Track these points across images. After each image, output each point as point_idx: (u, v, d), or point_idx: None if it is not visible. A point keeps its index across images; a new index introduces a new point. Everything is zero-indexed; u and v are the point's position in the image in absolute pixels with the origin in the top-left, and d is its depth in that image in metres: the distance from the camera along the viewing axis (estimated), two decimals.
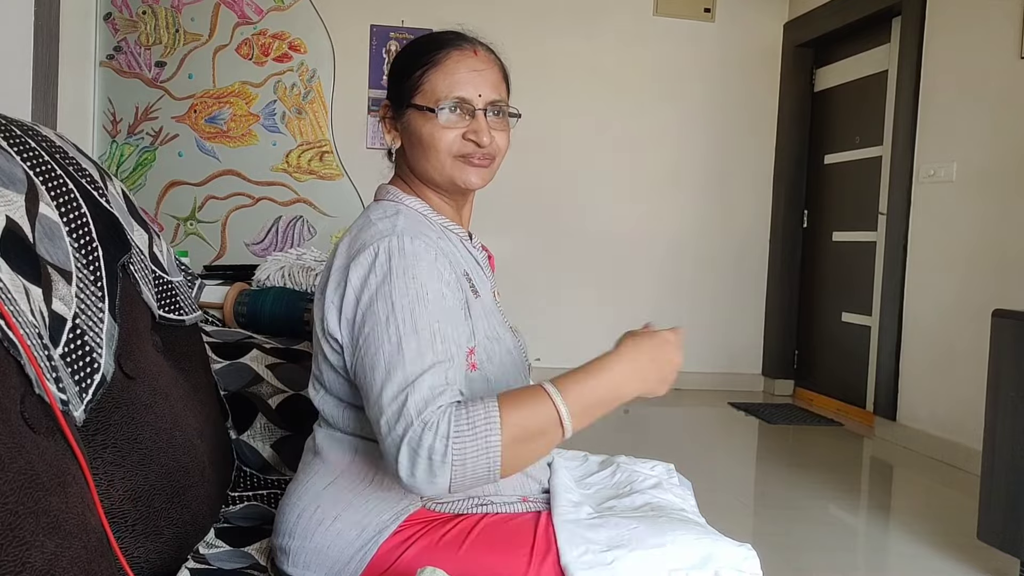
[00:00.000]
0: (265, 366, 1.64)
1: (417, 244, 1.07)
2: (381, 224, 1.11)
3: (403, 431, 0.95)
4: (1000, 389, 2.22)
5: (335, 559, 1.09)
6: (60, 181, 1.09)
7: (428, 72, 1.16)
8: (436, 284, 1.05)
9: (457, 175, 1.17)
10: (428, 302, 1.03)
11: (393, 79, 1.21)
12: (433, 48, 1.18)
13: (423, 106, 1.15)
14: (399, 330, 1.01)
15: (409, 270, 1.04)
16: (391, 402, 0.97)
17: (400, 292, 1.03)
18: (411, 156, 1.19)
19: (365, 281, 1.05)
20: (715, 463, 3.57)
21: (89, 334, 1.01)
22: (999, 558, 2.38)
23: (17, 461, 0.75)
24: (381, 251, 1.06)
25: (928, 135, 3.82)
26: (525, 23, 4.81)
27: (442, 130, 1.14)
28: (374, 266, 1.05)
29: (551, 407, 0.98)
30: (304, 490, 1.14)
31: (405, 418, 0.95)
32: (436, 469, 0.93)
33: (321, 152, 4.78)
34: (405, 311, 1.02)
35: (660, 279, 5.13)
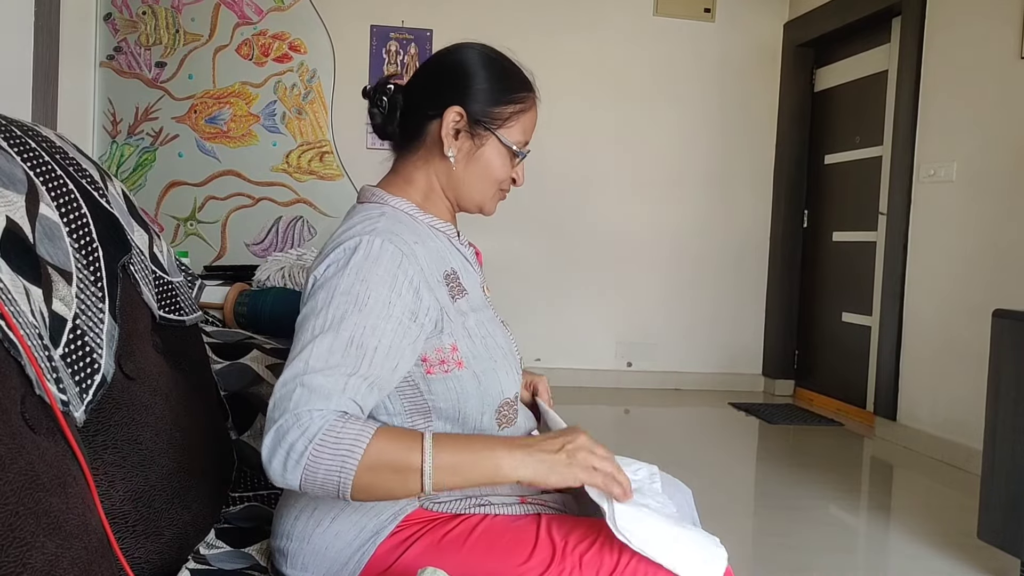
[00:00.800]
0: (265, 367, 1.64)
1: (386, 247, 1.06)
2: (361, 225, 1.11)
3: (277, 416, 0.94)
4: (1000, 389, 2.22)
5: (333, 560, 1.09)
6: (60, 182, 1.09)
7: (519, 114, 1.20)
8: (384, 292, 1.03)
9: (489, 205, 1.24)
10: (365, 308, 1.01)
11: (471, 92, 1.17)
12: (523, 88, 1.21)
13: (510, 145, 1.19)
14: (323, 323, 1.00)
15: (362, 271, 1.03)
16: (282, 386, 0.96)
17: (343, 289, 1.02)
18: (462, 172, 1.19)
19: (324, 272, 1.06)
20: (715, 463, 3.57)
21: (89, 335, 1.01)
22: (1000, 558, 2.38)
23: (18, 462, 0.75)
24: (348, 248, 1.06)
25: (928, 135, 3.82)
26: (525, 23, 4.81)
27: (508, 168, 1.21)
28: (336, 260, 1.06)
29: (418, 453, 0.95)
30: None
31: (283, 405, 0.94)
32: (289, 466, 0.93)
33: (321, 152, 4.78)
34: (338, 308, 1.01)
35: (660, 279, 5.13)
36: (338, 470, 0.92)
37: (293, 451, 0.92)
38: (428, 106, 1.19)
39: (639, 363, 5.12)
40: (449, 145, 1.17)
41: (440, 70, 1.22)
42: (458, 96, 1.17)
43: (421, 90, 1.22)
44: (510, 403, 1.18)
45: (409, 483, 0.95)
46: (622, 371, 5.11)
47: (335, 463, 0.92)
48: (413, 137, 1.21)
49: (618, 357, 5.11)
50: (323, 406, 0.94)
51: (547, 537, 1.07)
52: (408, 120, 1.21)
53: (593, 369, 5.06)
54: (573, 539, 1.07)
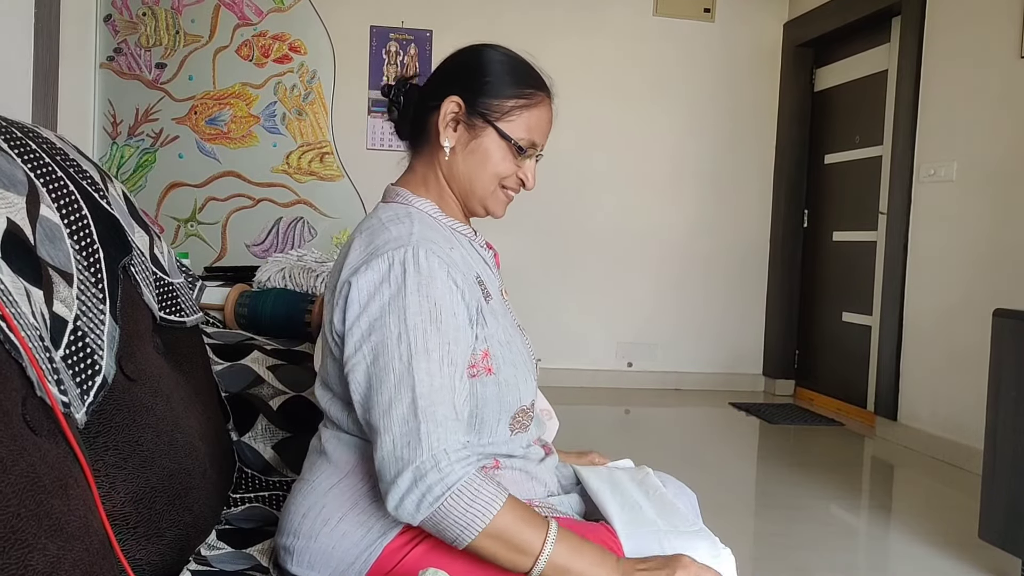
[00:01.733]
0: (266, 367, 1.64)
1: (432, 260, 1.06)
2: (395, 229, 1.10)
3: (412, 457, 0.97)
4: (1001, 388, 2.22)
5: (340, 559, 1.09)
6: (61, 183, 1.09)
7: (523, 109, 1.17)
8: (448, 303, 1.06)
9: (491, 204, 1.22)
10: (441, 323, 1.04)
11: (475, 85, 1.16)
12: (532, 85, 1.20)
13: (510, 137, 1.16)
14: (411, 348, 1.02)
15: (423, 287, 1.04)
16: (402, 423, 0.99)
17: (414, 309, 1.03)
18: (460, 164, 1.18)
19: (377, 289, 1.05)
20: (716, 463, 3.57)
21: (90, 336, 1.01)
22: (1000, 557, 2.38)
23: (19, 464, 0.75)
24: (396, 262, 1.05)
25: (928, 134, 3.82)
26: (525, 23, 4.81)
27: (509, 163, 1.18)
28: (388, 277, 1.05)
29: (539, 541, 0.99)
30: (310, 490, 1.14)
31: (419, 447, 0.97)
32: (423, 507, 0.97)
33: (321, 153, 4.78)
34: (418, 330, 1.02)
35: (661, 279, 5.13)
36: (464, 527, 0.97)
37: (430, 494, 0.96)
38: (431, 98, 1.19)
39: (640, 363, 5.12)
40: (445, 135, 1.16)
41: (450, 66, 1.22)
42: (459, 87, 1.17)
43: (430, 86, 1.22)
44: (526, 411, 1.19)
45: (519, 563, 0.99)
46: (623, 371, 5.11)
47: (464, 519, 0.97)
48: (420, 132, 1.21)
49: (618, 357, 5.11)
50: (454, 442, 0.99)
51: None
52: (416, 116, 1.21)
53: (594, 369, 5.06)
54: None
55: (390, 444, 0.99)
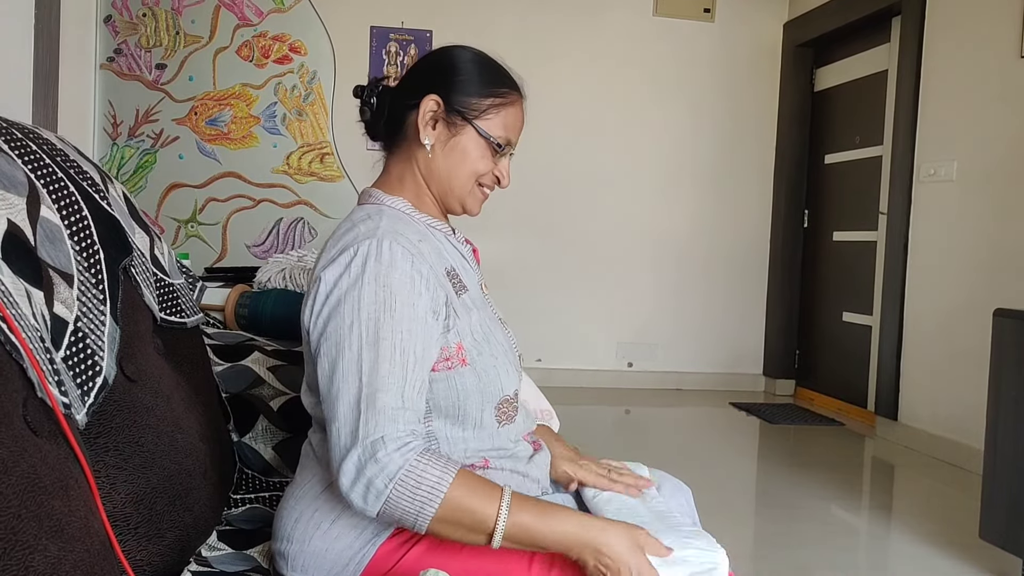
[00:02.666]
0: (266, 368, 1.64)
1: (395, 249, 1.07)
2: (363, 226, 1.11)
3: (351, 446, 0.98)
4: (1001, 388, 2.22)
5: (333, 562, 1.09)
6: (61, 184, 1.09)
7: (499, 108, 1.19)
8: (407, 293, 1.05)
9: (469, 202, 1.22)
10: (395, 312, 1.04)
11: (453, 84, 1.18)
12: (506, 84, 1.21)
13: (489, 136, 1.18)
14: (361, 338, 1.02)
15: (381, 277, 1.05)
16: (347, 411, 1.00)
17: (368, 299, 1.04)
18: (440, 161, 1.19)
19: (337, 281, 1.06)
20: (716, 463, 3.57)
21: (91, 337, 1.01)
22: (1001, 557, 2.38)
23: (20, 465, 0.75)
24: (359, 254, 1.07)
25: (928, 134, 3.82)
26: (525, 23, 4.82)
27: (487, 160, 1.19)
28: (349, 267, 1.06)
29: (492, 516, 0.98)
30: (302, 494, 1.14)
31: (356, 435, 0.98)
32: (369, 500, 0.97)
33: (322, 154, 4.78)
34: (371, 319, 1.03)
35: (661, 279, 5.13)
36: (415, 514, 0.97)
37: (372, 487, 0.97)
38: (407, 97, 1.20)
39: (640, 363, 5.12)
40: (425, 134, 1.18)
41: (424, 65, 1.24)
42: (437, 86, 1.18)
43: (405, 86, 1.23)
44: (509, 400, 1.19)
45: (473, 539, 1.00)
46: (623, 371, 5.11)
47: (413, 507, 0.97)
48: (396, 132, 1.22)
49: (619, 357, 5.11)
50: (393, 431, 0.98)
51: None
52: (391, 116, 1.22)
53: (594, 369, 5.06)
54: None
55: (335, 434, 1.00)
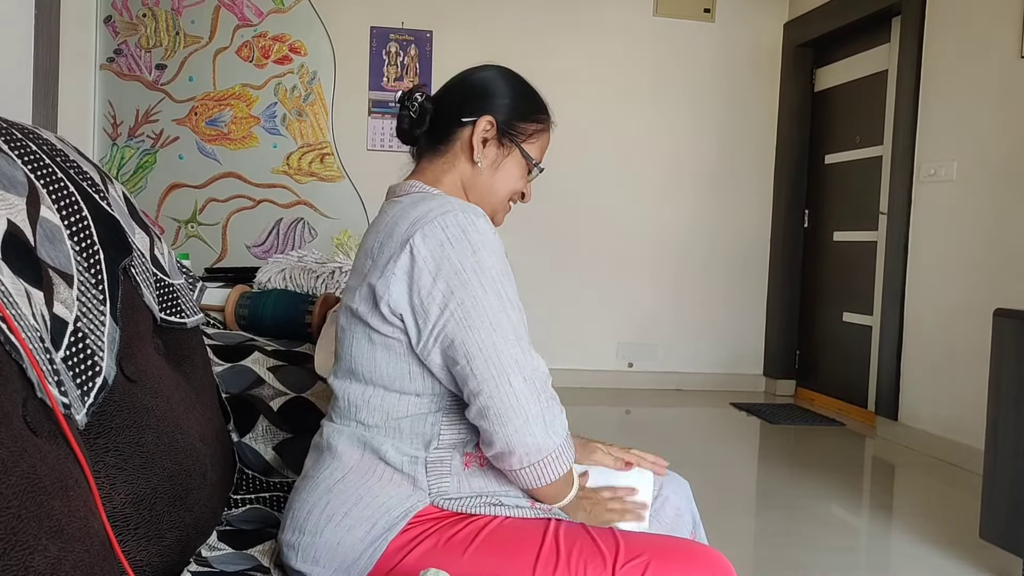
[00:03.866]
0: (267, 368, 1.64)
1: (483, 222, 1.13)
2: (429, 202, 1.14)
3: (537, 392, 1.09)
4: (1001, 388, 2.22)
5: (345, 555, 1.10)
6: (61, 184, 1.09)
7: (541, 133, 1.31)
8: (505, 262, 1.14)
9: (499, 213, 1.32)
10: (510, 276, 1.13)
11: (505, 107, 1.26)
12: (543, 110, 1.32)
13: (531, 158, 1.29)
14: (499, 296, 1.09)
15: (488, 244, 1.11)
16: (513, 364, 1.08)
17: (488, 263, 1.10)
18: (486, 178, 1.26)
19: (442, 251, 1.09)
20: (717, 463, 3.57)
21: (91, 337, 1.01)
22: (1001, 557, 2.38)
23: (19, 465, 0.75)
24: (450, 224, 1.10)
25: (928, 134, 3.82)
26: (525, 24, 4.82)
27: (523, 180, 1.31)
28: (447, 239, 1.09)
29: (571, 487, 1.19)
30: (314, 486, 1.15)
31: (536, 383, 1.09)
32: (551, 444, 1.09)
33: (322, 154, 4.78)
34: (497, 282, 1.10)
35: (661, 279, 5.13)
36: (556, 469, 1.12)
37: (557, 436, 1.11)
38: (460, 113, 1.26)
39: (640, 364, 5.12)
40: (479, 152, 1.25)
41: (469, 84, 1.30)
42: (488, 107, 1.25)
43: (451, 100, 1.28)
44: None
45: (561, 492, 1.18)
46: (623, 371, 5.11)
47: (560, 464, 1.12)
48: (441, 141, 1.27)
49: (619, 358, 5.11)
50: (545, 373, 1.12)
51: (553, 542, 1.08)
52: (437, 126, 1.27)
53: (594, 370, 5.06)
54: (578, 547, 1.07)
55: (507, 386, 1.06)
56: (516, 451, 1.08)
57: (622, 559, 1.06)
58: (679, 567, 1.07)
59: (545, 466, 1.10)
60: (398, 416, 1.14)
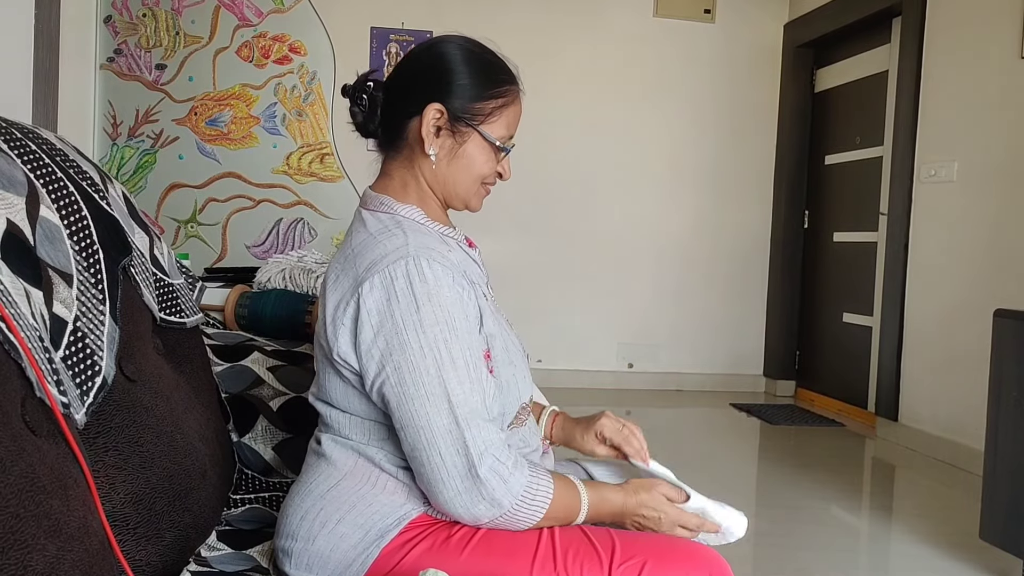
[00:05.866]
0: (266, 368, 1.64)
1: (435, 268, 1.06)
2: (388, 242, 1.09)
3: (466, 468, 1.02)
4: (1002, 389, 2.22)
5: (338, 562, 1.09)
6: (61, 184, 1.09)
7: (502, 108, 1.17)
8: (460, 309, 1.07)
9: (473, 200, 1.22)
10: (457, 329, 1.06)
11: (452, 89, 1.14)
12: (506, 80, 1.18)
13: (494, 140, 1.17)
14: (437, 360, 1.04)
15: (434, 297, 1.05)
16: (446, 435, 1.03)
17: (429, 320, 1.04)
18: (444, 169, 1.17)
19: (387, 306, 1.05)
20: (717, 464, 3.57)
21: (90, 337, 1.01)
22: (1002, 558, 2.38)
23: (18, 464, 0.75)
24: (399, 275, 1.05)
25: (929, 135, 3.82)
26: (525, 24, 4.81)
27: (491, 164, 1.18)
28: (395, 292, 1.05)
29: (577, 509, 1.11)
30: (307, 492, 1.14)
31: (466, 455, 1.02)
32: (489, 514, 1.04)
33: (322, 154, 4.78)
34: (439, 341, 1.04)
35: (661, 280, 5.12)
36: (528, 519, 1.07)
37: (496, 504, 1.04)
38: (408, 104, 1.16)
39: (640, 364, 5.12)
40: (430, 144, 1.15)
41: (419, 67, 1.18)
42: (438, 93, 1.14)
43: (400, 87, 1.18)
44: (524, 406, 1.21)
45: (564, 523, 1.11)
46: (623, 372, 5.11)
47: (527, 516, 1.06)
48: (396, 136, 1.19)
49: (619, 358, 5.11)
50: (498, 446, 1.05)
51: (549, 543, 1.08)
52: (389, 119, 1.19)
53: (594, 370, 5.05)
54: (574, 548, 1.07)
55: (438, 458, 1.03)
56: (459, 517, 1.06)
57: (618, 559, 1.05)
58: (675, 567, 1.06)
59: (506, 523, 1.07)
60: (381, 437, 1.14)
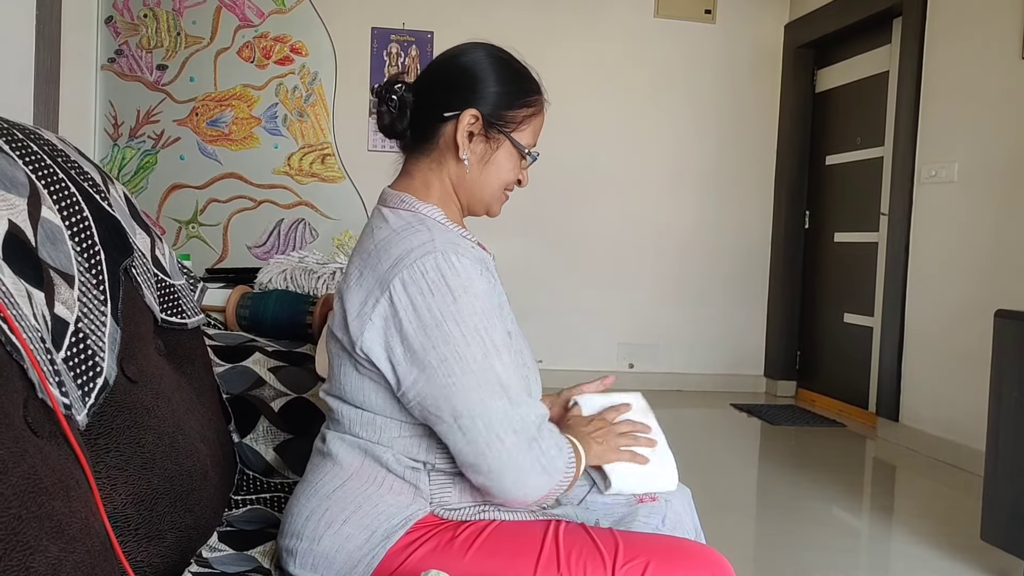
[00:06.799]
0: (267, 369, 1.64)
1: (463, 261, 1.08)
2: (413, 238, 1.09)
3: (527, 444, 1.06)
4: (1002, 389, 2.22)
5: (343, 562, 1.09)
6: (62, 185, 1.09)
7: (531, 117, 1.20)
8: (491, 300, 1.10)
9: (494, 206, 1.24)
10: (492, 317, 1.08)
11: (487, 95, 1.16)
12: (535, 90, 1.21)
13: (524, 148, 1.20)
14: (483, 346, 1.06)
15: (468, 288, 1.06)
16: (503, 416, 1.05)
17: (468, 311, 1.06)
18: (474, 174, 1.18)
19: (422, 300, 1.05)
20: (717, 464, 3.56)
21: (92, 338, 1.01)
22: (1002, 559, 2.38)
23: (20, 466, 0.75)
24: (429, 269, 1.06)
25: (929, 135, 3.82)
26: (526, 24, 4.82)
27: (517, 169, 1.22)
28: (427, 286, 1.05)
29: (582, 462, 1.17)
30: (313, 491, 1.14)
31: (526, 431, 1.06)
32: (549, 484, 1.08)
33: (323, 155, 4.78)
34: (480, 329, 1.06)
35: (662, 281, 5.12)
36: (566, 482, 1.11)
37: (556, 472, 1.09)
38: (441, 108, 1.16)
39: (641, 364, 5.12)
40: (464, 148, 1.16)
41: (451, 72, 1.19)
42: (472, 99, 1.16)
43: (432, 91, 1.19)
44: None
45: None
46: (624, 372, 5.10)
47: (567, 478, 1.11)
48: (425, 139, 1.19)
49: (620, 359, 5.11)
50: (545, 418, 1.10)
51: (553, 544, 1.08)
52: (419, 121, 1.19)
53: (595, 371, 5.03)
54: (577, 548, 1.07)
55: (498, 442, 1.04)
56: (515, 500, 1.08)
57: (621, 559, 1.06)
58: (679, 567, 1.07)
59: (551, 496, 1.11)
60: (392, 436, 1.13)
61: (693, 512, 1.36)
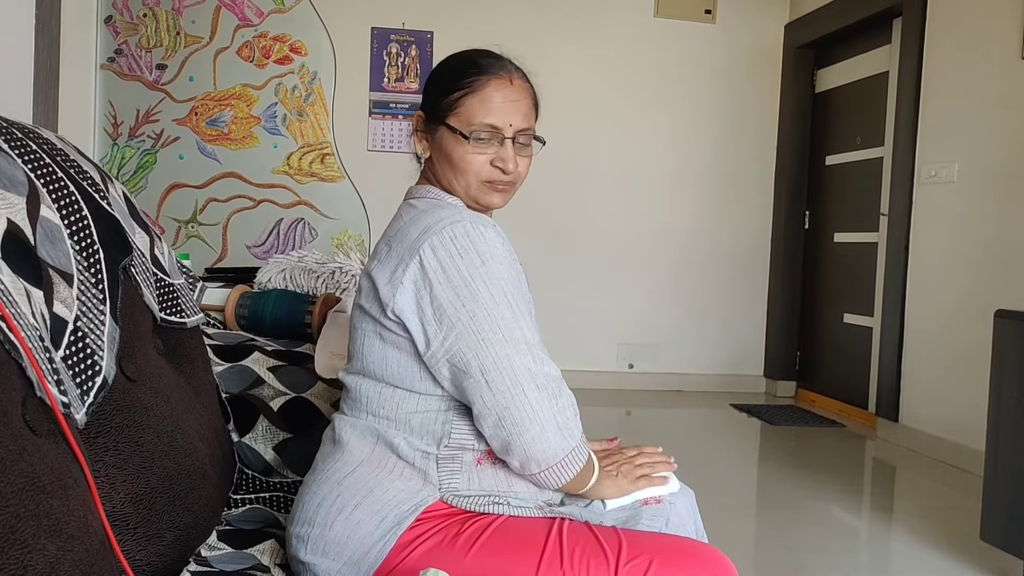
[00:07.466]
0: (267, 368, 1.64)
1: (488, 231, 1.13)
2: (439, 212, 1.15)
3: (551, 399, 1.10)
4: (1002, 390, 2.22)
5: (355, 548, 1.10)
6: (61, 184, 1.09)
7: (465, 97, 1.19)
8: (515, 268, 1.16)
9: (482, 197, 1.23)
10: (519, 284, 1.14)
11: (429, 93, 1.24)
12: (472, 72, 1.20)
13: (456, 129, 1.19)
14: (511, 306, 1.10)
15: (495, 255, 1.12)
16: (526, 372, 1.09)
17: (496, 274, 1.11)
18: (439, 170, 1.23)
19: (451, 263, 1.10)
20: (717, 464, 3.56)
21: (90, 336, 1.01)
22: (1002, 559, 2.38)
23: (19, 464, 0.75)
24: (458, 234, 1.11)
25: (929, 136, 3.82)
26: (526, 25, 4.82)
27: (472, 155, 1.19)
28: (456, 250, 1.10)
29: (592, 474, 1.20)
30: (324, 478, 1.15)
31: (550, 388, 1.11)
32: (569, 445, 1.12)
33: (322, 154, 4.78)
34: (507, 292, 1.11)
35: (662, 280, 5.12)
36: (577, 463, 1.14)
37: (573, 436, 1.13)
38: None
39: (641, 365, 5.12)
40: (419, 147, 1.25)
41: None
42: (423, 102, 1.26)
43: None
44: None
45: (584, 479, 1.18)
46: (624, 373, 5.11)
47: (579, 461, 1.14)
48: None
49: (619, 359, 5.11)
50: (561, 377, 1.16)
51: (556, 541, 1.08)
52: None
53: (595, 371, 5.05)
54: (581, 546, 1.07)
55: (522, 396, 1.08)
56: (535, 457, 1.10)
57: (624, 558, 1.06)
58: (681, 566, 1.07)
59: (564, 467, 1.12)
60: (409, 411, 1.15)
61: (697, 515, 1.36)
